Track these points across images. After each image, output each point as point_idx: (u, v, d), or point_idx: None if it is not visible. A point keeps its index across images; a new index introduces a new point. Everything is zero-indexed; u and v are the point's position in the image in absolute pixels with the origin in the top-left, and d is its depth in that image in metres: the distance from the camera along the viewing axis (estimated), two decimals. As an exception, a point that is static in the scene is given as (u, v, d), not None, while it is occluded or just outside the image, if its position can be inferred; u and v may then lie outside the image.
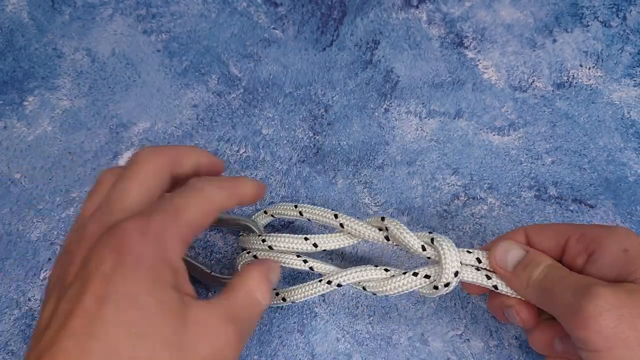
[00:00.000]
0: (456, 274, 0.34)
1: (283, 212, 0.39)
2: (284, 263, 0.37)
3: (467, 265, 0.34)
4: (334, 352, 0.39)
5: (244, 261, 0.39)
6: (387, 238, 0.36)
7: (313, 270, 0.37)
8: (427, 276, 0.34)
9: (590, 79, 0.48)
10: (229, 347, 0.27)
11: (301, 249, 0.37)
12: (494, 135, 0.46)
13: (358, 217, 0.37)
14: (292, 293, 0.37)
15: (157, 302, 0.25)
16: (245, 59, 0.49)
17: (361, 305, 0.41)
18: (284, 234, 0.37)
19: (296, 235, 0.37)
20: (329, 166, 0.45)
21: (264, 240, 0.38)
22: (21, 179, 0.44)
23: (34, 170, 0.44)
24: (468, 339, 0.39)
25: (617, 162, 0.45)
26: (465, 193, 0.44)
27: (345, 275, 0.36)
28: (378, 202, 0.44)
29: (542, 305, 0.32)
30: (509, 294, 0.34)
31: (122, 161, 0.45)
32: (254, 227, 0.40)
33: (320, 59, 0.49)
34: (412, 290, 0.35)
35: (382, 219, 0.35)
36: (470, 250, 0.35)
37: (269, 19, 0.50)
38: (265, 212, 0.41)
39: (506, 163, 0.45)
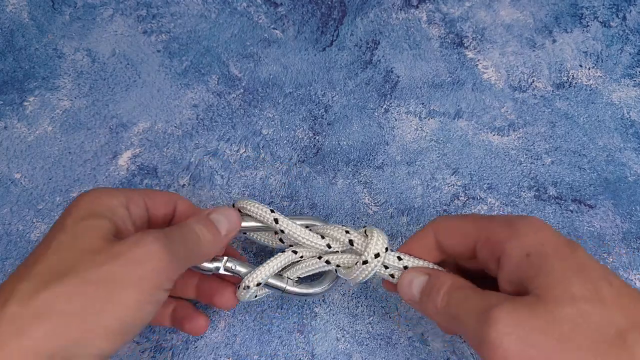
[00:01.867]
0: (377, 255, 0.34)
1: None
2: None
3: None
4: (334, 352, 0.39)
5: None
6: (328, 246, 0.36)
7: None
8: (350, 242, 0.35)
9: (589, 79, 0.48)
10: (157, 260, 0.28)
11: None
12: (493, 135, 0.46)
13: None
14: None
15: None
16: (245, 59, 0.49)
17: (361, 305, 0.41)
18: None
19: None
20: (329, 166, 0.45)
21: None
22: (21, 179, 0.44)
23: (34, 170, 0.44)
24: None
25: (616, 162, 0.45)
26: (465, 193, 0.44)
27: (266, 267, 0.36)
28: (378, 202, 0.44)
29: (453, 330, 0.31)
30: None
31: (121, 161, 0.45)
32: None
33: (320, 59, 0.49)
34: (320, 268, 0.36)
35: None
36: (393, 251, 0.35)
37: (269, 19, 0.50)
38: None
39: (506, 163, 0.45)
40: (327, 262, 0.36)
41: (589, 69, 0.49)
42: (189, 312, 0.37)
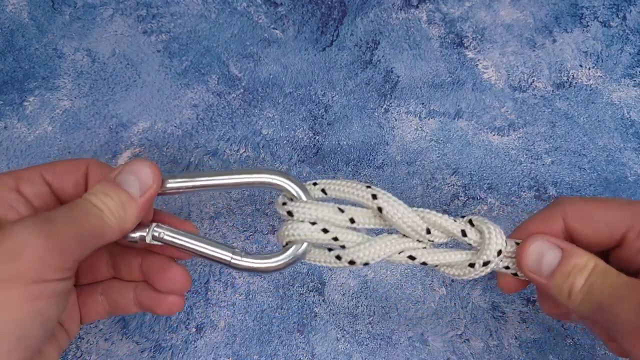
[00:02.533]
0: (499, 252, 0.29)
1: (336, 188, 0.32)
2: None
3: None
4: (334, 352, 0.39)
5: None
6: (428, 231, 0.32)
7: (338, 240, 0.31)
8: (470, 246, 0.30)
9: (590, 79, 0.48)
10: (32, 249, 0.24)
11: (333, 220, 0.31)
12: (493, 135, 0.46)
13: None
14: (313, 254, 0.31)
15: None
16: (245, 59, 0.49)
17: (361, 305, 0.41)
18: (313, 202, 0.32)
19: (327, 204, 0.31)
20: (329, 166, 0.45)
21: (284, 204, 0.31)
22: (21, 179, 0.44)
23: (34, 170, 0.44)
24: (468, 339, 0.39)
25: (616, 162, 0.45)
26: (465, 193, 0.44)
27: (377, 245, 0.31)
28: (378, 202, 0.44)
29: (590, 315, 0.27)
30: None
31: (121, 160, 0.45)
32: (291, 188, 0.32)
33: (320, 59, 0.49)
34: (445, 263, 0.31)
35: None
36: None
37: (269, 19, 0.50)
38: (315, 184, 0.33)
39: (506, 163, 0.45)
40: (424, 263, 0.31)
41: (589, 68, 0.49)
42: (153, 289, 0.32)
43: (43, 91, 0.47)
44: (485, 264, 0.30)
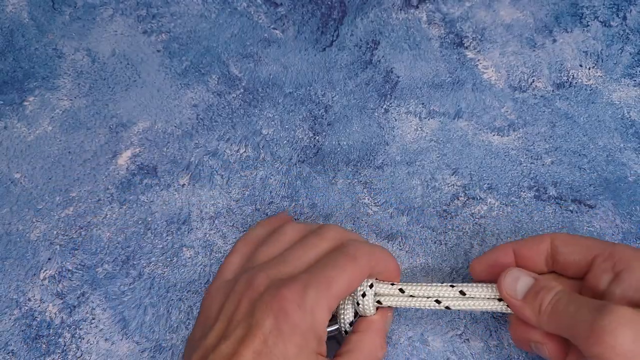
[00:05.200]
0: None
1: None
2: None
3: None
4: (333, 352, 0.39)
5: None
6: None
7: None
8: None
9: (590, 79, 0.48)
10: None
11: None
12: (493, 135, 0.46)
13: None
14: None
15: None
16: (245, 59, 0.49)
17: (361, 305, 0.40)
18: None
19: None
20: (329, 166, 0.45)
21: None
22: (21, 179, 0.44)
23: (34, 170, 0.44)
24: (468, 339, 0.39)
25: (616, 162, 0.45)
26: (465, 193, 0.44)
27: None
28: (378, 202, 0.44)
29: (555, 329, 0.31)
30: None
31: (121, 160, 0.45)
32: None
33: (320, 59, 0.49)
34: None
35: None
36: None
37: (269, 19, 0.50)
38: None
39: (506, 163, 0.45)
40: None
41: (589, 68, 0.48)
42: None
43: (43, 91, 0.47)
44: None
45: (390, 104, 0.47)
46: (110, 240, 0.42)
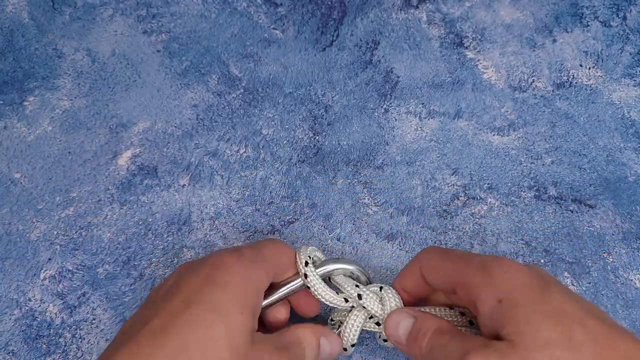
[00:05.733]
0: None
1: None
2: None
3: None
4: (333, 352, 0.39)
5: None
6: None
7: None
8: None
9: (590, 79, 0.48)
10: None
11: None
12: (493, 135, 0.46)
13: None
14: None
15: (235, 319, 0.28)
16: (245, 59, 0.49)
17: (361, 305, 0.40)
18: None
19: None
20: (329, 166, 0.45)
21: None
22: (21, 179, 0.44)
23: (34, 170, 0.44)
24: None
25: (617, 162, 0.45)
26: (465, 193, 0.44)
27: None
28: (378, 202, 0.44)
29: None
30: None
31: (121, 160, 0.45)
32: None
33: (320, 59, 0.49)
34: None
35: (380, 288, 0.36)
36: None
37: (269, 19, 0.50)
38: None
39: (506, 163, 0.45)
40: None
41: (589, 68, 0.48)
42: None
43: (43, 91, 0.47)
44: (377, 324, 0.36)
45: (390, 104, 0.47)
46: (110, 241, 0.42)
